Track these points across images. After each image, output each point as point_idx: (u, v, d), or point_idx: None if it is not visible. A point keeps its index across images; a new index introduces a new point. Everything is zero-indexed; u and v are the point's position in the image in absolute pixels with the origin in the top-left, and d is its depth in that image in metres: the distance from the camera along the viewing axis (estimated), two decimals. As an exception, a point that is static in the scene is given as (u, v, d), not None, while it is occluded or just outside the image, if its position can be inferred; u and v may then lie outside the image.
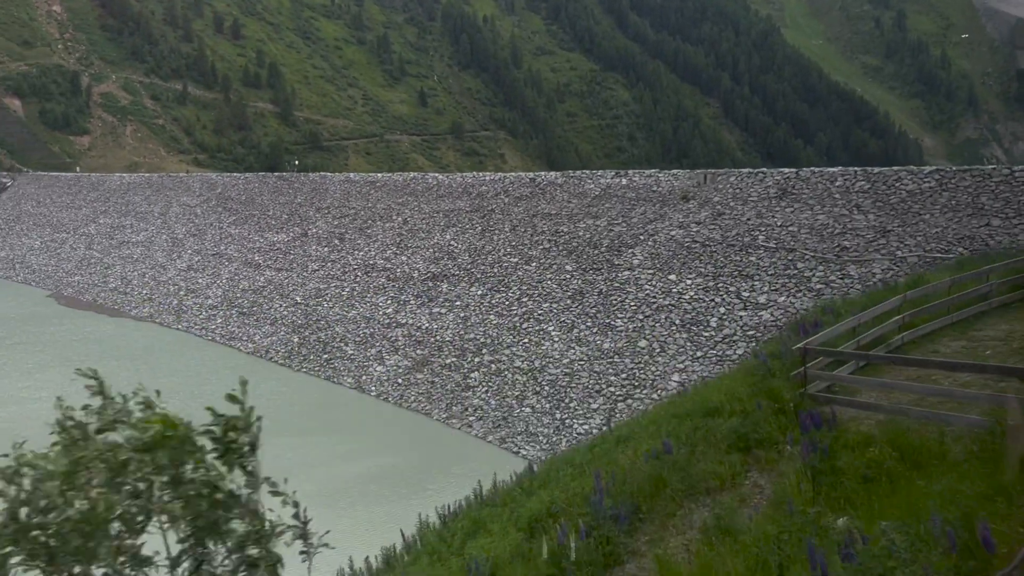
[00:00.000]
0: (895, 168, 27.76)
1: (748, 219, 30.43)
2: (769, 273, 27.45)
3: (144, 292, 53.64)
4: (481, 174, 46.47)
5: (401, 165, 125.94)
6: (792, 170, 31.34)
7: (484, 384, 30.48)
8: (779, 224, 29.06)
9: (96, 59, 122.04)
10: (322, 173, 59.78)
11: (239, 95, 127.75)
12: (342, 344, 37.45)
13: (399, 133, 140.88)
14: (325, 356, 37.29)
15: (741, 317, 26.29)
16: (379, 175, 53.01)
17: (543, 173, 43.28)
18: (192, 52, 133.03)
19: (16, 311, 53.07)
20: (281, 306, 43.52)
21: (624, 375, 27.05)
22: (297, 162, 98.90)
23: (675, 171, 36.73)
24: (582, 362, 28.59)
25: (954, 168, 26.00)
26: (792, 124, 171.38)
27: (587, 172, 41.03)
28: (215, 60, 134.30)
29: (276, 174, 63.54)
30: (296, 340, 39.76)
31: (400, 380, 33.13)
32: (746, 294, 27.19)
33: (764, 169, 32.56)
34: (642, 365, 26.96)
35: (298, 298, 43.32)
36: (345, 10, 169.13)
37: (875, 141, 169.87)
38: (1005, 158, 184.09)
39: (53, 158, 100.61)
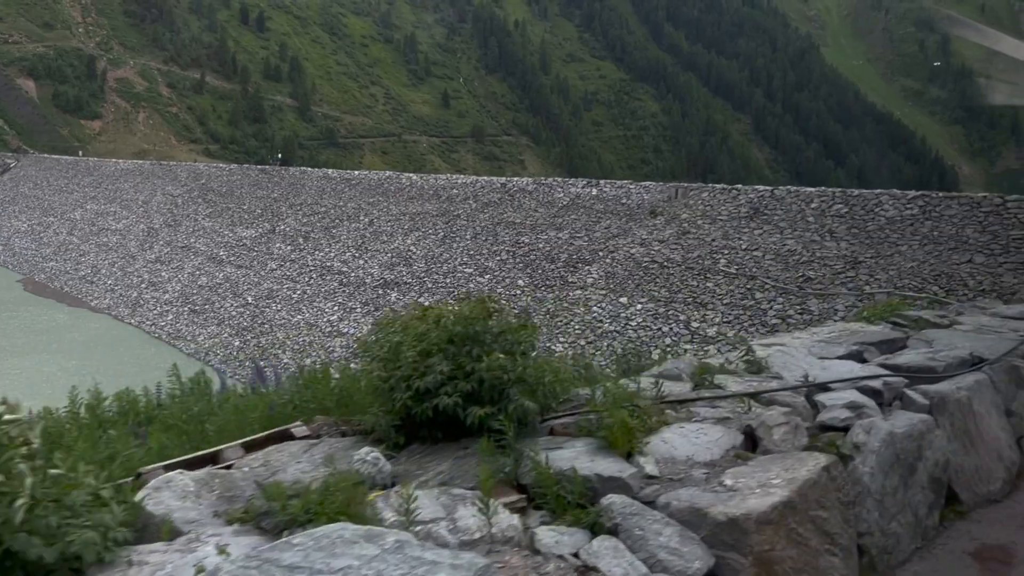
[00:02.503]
0: (877, 191, 24.46)
1: (713, 240, 27.25)
2: (724, 302, 24.25)
3: (109, 283, 51.55)
4: (453, 176, 43.72)
5: (417, 166, 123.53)
6: (767, 188, 28.11)
7: (409, 407, 27.57)
8: (744, 247, 25.84)
9: (115, 44, 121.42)
10: (303, 168, 57.43)
11: (257, 87, 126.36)
12: (279, 351, 34.80)
13: (418, 133, 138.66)
14: (262, 363, 34.60)
15: (685, 351, 23.09)
16: (355, 172, 50.46)
17: (515, 179, 40.37)
18: (214, 42, 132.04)
19: (-23, 294, 51.28)
20: (232, 306, 41.02)
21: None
22: (280, 155, 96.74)
23: (647, 183, 33.61)
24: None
25: (940, 194, 22.67)
26: (824, 144, 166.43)
27: (559, 180, 38.07)
28: (237, 51, 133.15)
29: (258, 167, 61.32)
30: (237, 344, 37.19)
31: (327, 395, 30.31)
32: (696, 324, 24.02)
33: (739, 186, 29.34)
34: (572, 398, 23.88)
35: (249, 298, 40.80)
36: (375, 7, 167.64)
37: (910, 166, 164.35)
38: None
39: (62, 141, 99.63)
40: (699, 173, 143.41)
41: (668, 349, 23.72)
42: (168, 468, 3.63)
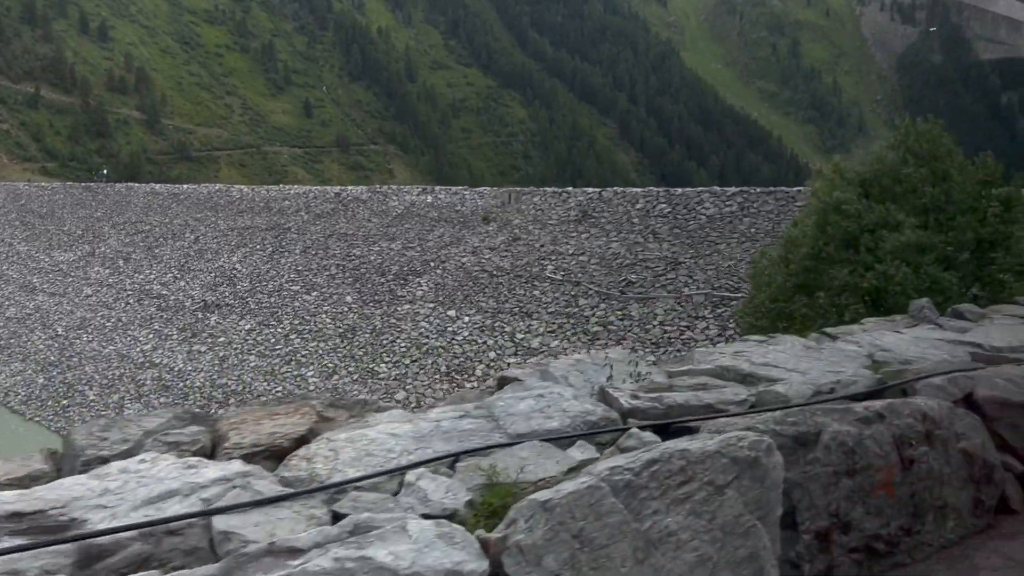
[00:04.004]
0: (699, 189, 23.77)
1: (542, 245, 26.01)
2: (549, 311, 22.97)
3: (-94, 318, 46.05)
4: (286, 187, 41.17)
5: (278, 178, 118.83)
6: (595, 190, 27.14)
7: (219, 443, 25.05)
8: (571, 252, 24.69)
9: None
10: (129, 184, 53.33)
11: (100, 100, 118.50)
12: (86, 388, 31.38)
13: (279, 144, 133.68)
14: (64, 402, 31.14)
15: (508, 365, 21.63)
16: (184, 186, 47.05)
17: (349, 188, 38.26)
18: (50, 53, 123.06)
19: None
20: (40, 339, 37.01)
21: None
22: (105, 171, 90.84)
23: (482, 189, 32.22)
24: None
25: (758, 190, 22.09)
26: (687, 146, 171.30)
27: (394, 188, 36.24)
28: (76, 62, 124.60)
29: (82, 184, 56.72)
30: (41, 381, 33.40)
31: (133, 435, 27.31)
32: (520, 336, 22.63)
33: (569, 188, 28.28)
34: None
35: (60, 329, 36.93)
36: (230, 15, 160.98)
37: (768, 165, 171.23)
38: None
39: None
40: (568, 178, 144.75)
41: (492, 364, 22.23)
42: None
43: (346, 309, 28.80)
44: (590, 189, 27.48)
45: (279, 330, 29.32)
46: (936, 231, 7.85)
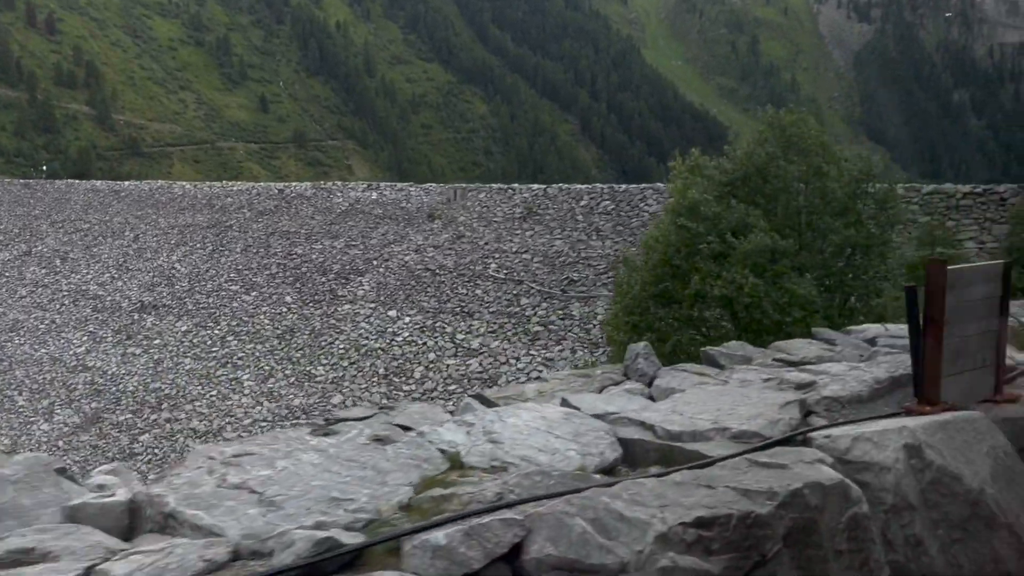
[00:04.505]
0: (642, 186, 23.36)
1: (486, 243, 25.41)
2: (491, 311, 22.38)
3: None
4: (229, 184, 40.08)
5: (233, 174, 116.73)
6: (541, 187, 26.62)
7: (150, 451, 24.09)
8: (514, 251, 24.13)
9: None
10: (69, 181, 51.74)
11: (47, 95, 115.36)
12: (15, 393, 30.13)
13: (234, 140, 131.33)
14: (-10, 410, 29.88)
15: (448, 367, 21.03)
16: (125, 184, 45.67)
17: (294, 184, 37.34)
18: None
19: None
20: (-31, 342, 35.57)
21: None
22: (45, 167, 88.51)
23: (428, 185, 31.55)
24: (264, 424, 22.65)
25: (701, 186, 21.73)
26: (648, 142, 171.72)
27: (339, 184, 35.44)
28: (22, 55, 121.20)
29: (21, 181, 54.94)
30: (-32, 386, 32.05)
31: (62, 443, 26.23)
32: (461, 336, 22.01)
33: (515, 185, 27.72)
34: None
35: (-9, 332, 35.52)
36: (184, 8, 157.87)
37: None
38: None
39: None
40: (530, 174, 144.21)
41: (431, 366, 21.58)
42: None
43: (285, 310, 27.96)
44: (535, 186, 26.97)
45: (216, 332, 28.38)
46: (813, 235, 7.34)
